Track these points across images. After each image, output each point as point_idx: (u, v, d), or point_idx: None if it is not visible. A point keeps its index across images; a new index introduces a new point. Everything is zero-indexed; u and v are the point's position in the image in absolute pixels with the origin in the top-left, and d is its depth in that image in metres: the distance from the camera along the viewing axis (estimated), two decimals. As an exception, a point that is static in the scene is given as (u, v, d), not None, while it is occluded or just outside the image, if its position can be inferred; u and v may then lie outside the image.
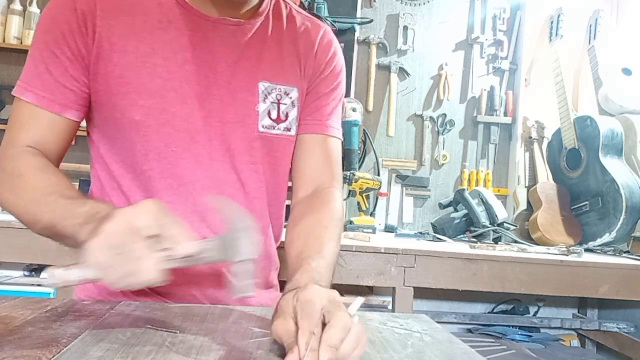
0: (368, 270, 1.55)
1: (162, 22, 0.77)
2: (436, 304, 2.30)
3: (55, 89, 0.74)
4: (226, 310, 0.74)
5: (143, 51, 0.75)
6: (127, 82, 0.74)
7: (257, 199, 0.84)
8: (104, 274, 0.54)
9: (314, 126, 0.88)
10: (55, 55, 0.73)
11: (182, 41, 0.77)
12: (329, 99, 0.89)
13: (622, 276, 1.62)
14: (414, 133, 2.44)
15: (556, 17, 2.31)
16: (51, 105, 0.74)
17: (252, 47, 0.82)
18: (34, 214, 0.67)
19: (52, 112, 0.74)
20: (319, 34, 0.88)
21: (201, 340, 0.58)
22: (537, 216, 2.09)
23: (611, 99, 2.24)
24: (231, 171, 0.81)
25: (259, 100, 0.81)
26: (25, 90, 0.74)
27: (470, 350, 0.63)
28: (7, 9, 2.14)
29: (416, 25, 2.43)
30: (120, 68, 0.74)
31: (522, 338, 2.04)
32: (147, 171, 0.77)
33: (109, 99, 0.75)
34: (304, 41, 0.87)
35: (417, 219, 2.41)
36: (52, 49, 0.73)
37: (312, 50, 0.87)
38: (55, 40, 0.73)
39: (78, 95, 0.76)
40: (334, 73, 0.90)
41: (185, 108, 0.77)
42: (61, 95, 0.74)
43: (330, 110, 0.90)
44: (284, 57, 0.84)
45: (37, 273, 0.57)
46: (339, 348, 0.50)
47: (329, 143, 0.89)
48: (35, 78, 0.74)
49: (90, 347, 0.53)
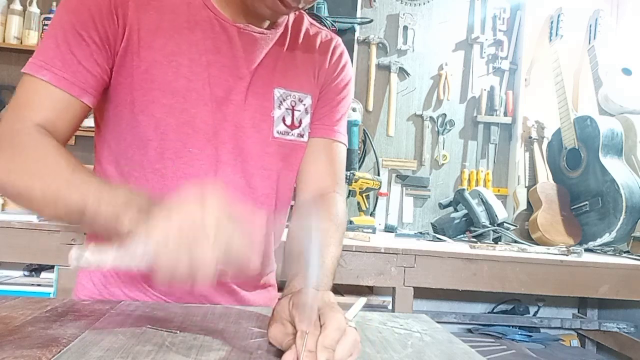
0: (368, 270, 1.55)
1: (190, 22, 0.77)
2: (436, 304, 2.30)
3: (77, 72, 0.71)
4: (226, 310, 0.74)
5: (170, 50, 0.75)
6: (151, 79, 0.74)
7: (265, 205, 0.84)
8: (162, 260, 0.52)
9: (322, 130, 0.89)
10: (82, 37, 0.71)
11: (208, 44, 0.77)
12: (339, 106, 0.91)
13: (622, 276, 1.62)
14: (414, 133, 2.44)
15: (556, 17, 2.31)
16: (71, 87, 0.71)
17: (271, 55, 0.82)
18: (55, 195, 0.62)
19: (72, 94, 0.71)
20: (331, 45, 0.91)
21: (201, 340, 0.58)
22: (537, 216, 2.09)
23: (611, 99, 2.25)
24: (242, 176, 0.81)
25: (274, 106, 0.82)
26: (42, 69, 0.70)
27: (470, 350, 0.63)
28: (7, 9, 2.14)
29: (416, 25, 2.43)
30: (146, 64, 0.74)
31: (522, 338, 2.04)
32: (160, 170, 0.77)
33: (129, 93, 0.74)
34: (318, 51, 0.89)
35: (417, 219, 2.41)
36: (78, 30, 0.70)
37: (326, 60, 0.89)
38: (83, 22, 0.71)
39: (99, 82, 0.73)
40: (344, 82, 0.92)
41: (205, 110, 0.77)
42: (82, 79, 0.71)
43: (339, 117, 0.92)
44: (299, 65, 0.86)
45: (37, 273, 0.57)
46: (335, 350, 0.50)
47: (335, 148, 0.90)
48: (56, 58, 0.70)
49: (90, 347, 0.53)
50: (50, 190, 0.63)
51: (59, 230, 1.50)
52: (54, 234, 1.50)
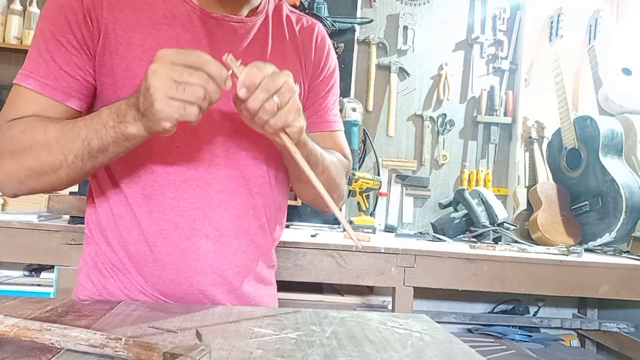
0: (368, 270, 1.55)
1: (167, 17, 0.78)
2: (436, 304, 2.30)
3: (60, 77, 0.73)
4: (226, 310, 0.74)
5: (149, 45, 0.75)
6: (133, 76, 0.75)
7: (259, 195, 0.84)
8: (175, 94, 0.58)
9: (320, 124, 0.93)
10: (61, 44, 0.73)
11: (187, 37, 0.78)
12: (330, 95, 0.94)
13: (622, 276, 1.62)
14: (414, 133, 2.44)
15: (556, 17, 2.31)
16: (54, 92, 0.73)
17: (256, 44, 0.84)
18: (60, 151, 0.67)
19: (55, 99, 0.73)
20: (314, 32, 0.92)
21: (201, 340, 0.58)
22: (537, 216, 2.09)
23: (611, 99, 2.24)
24: (234, 167, 0.81)
25: None
26: (27, 77, 0.73)
27: (470, 350, 0.63)
28: (7, 9, 2.14)
29: (416, 25, 2.43)
30: (126, 61, 0.75)
31: (522, 338, 2.04)
32: (149, 167, 0.78)
33: (114, 91, 0.75)
34: (302, 39, 0.90)
35: (417, 219, 2.41)
36: (57, 38, 0.73)
37: (311, 49, 0.91)
38: (60, 28, 0.73)
39: (82, 85, 0.75)
40: (331, 70, 0.94)
41: None
42: (64, 83, 0.74)
43: (332, 106, 0.95)
44: (285, 54, 0.87)
45: (37, 273, 0.57)
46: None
47: (337, 136, 0.95)
48: (39, 66, 0.73)
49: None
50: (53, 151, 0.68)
51: (59, 230, 1.50)
52: (54, 234, 1.50)
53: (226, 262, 0.81)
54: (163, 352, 0.46)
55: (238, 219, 0.82)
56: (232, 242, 0.81)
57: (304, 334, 0.63)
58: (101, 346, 0.49)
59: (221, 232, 0.80)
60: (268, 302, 0.91)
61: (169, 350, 0.46)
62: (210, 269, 0.80)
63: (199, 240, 0.79)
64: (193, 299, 0.80)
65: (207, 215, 0.79)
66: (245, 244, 0.83)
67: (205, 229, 0.79)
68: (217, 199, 0.80)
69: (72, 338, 0.50)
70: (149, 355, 0.47)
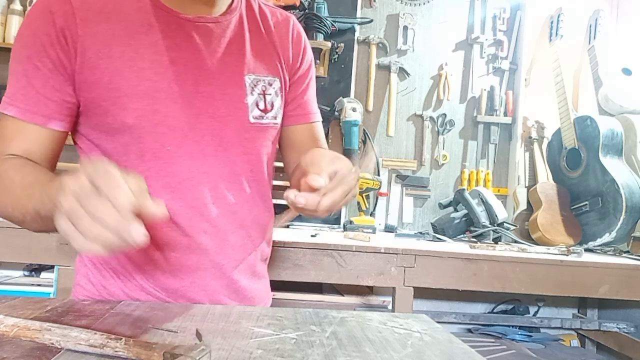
0: (368, 270, 1.55)
1: (143, 25, 0.78)
2: (436, 304, 2.30)
3: (38, 101, 0.74)
4: (226, 310, 0.74)
5: (128, 56, 0.76)
6: (116, 88, 0.75)
7: (251, 188, 0.87)
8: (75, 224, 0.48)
9: (300, 117, 0.95)
10: (37, 67, 0.74)
11: (166, 42, 0.78)
12: (308, 88, 0.97)
13: (622, 276, 1.62)
14: (414, 133, 2.44)
15: (556, 17, 2.31)
16: (34, 117, 0.74)
17: (233, 42, 0.85)
18: (20, 210, 0.67)
19: (37, 124, 0.74)
20: (290, 26, 0.94)
21: (201, 339, 0.58)
22: (537, 216, 2.09)
23: (611, 99, 2.24)
24: (225, 164, 0.83)
25: (247, 93, 0.84)
26: (8, 105, 0.74)
27: (470, 350, 0.63)
28: (7, 9, 2.14)
29: (416, 25, 2.43)
30: (108, 74, 0.75)
31: (522, 338, 2.04)
32: (143, 172, 0.78)
33: (98, 105, 0.76)
34: (278, 33, 0.92)
35: (417, 219, 2.41)
36: (33, 62, 0.74)
37: (287, 42, 0.92)
38: (36, 52, 0.73)
39: (61, 106, 0.76)
40: (309, 63, 0.96)
41: (177, 107, 0.78)
42: (43, 107, 0.74)
43: (311, 99, 0.97)
44: (263, 49, 0.89)
45: (37, 273, 0.57)
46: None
47: (315, 128, 0.97)
48: (18, 92, 0.74)
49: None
50: (16, 207, 0.67)
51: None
52: (54, 234, 1.50)
53: (225, 256, 0.83)
54: (163, 352, 0.46)
55: (233, 214, 0.83)
56: (229, 237, 0.83)
57: (304, 334, 0.64)
58: (101, 346, 0.49)
59: (218, 228, 0.82)
60: (263, 296, 0.92)
61: (169, 350, 0.46)
62: (211, 263, 0.82)
63: (198, 236, 0.80)
64: (193, 295, 0.81)
65: (203, 213, 0.81)
66: (242, 238, 0.85)
67: (202, 226, 0.81)
68: (212, 196, 0.81)
69: (72, 338, 0.50)
70: (149, 355, 0.47)
